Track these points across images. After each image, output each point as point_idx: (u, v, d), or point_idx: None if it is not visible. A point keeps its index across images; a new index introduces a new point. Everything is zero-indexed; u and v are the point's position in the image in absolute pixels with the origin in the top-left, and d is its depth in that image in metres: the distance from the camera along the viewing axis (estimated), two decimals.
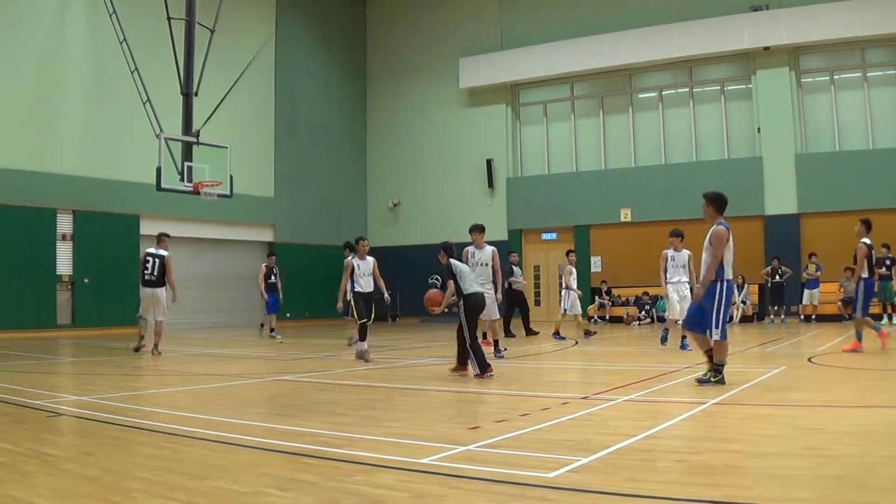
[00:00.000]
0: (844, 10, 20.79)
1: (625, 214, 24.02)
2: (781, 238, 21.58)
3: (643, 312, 22.17)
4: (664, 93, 24.40)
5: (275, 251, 20.71)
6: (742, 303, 20.91)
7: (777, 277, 20.12)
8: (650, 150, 24.33)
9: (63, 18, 19.71)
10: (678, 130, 24.08)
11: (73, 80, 19.74)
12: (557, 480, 3.93)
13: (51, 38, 19.37)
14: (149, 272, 12.44)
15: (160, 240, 12.82)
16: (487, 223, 12.11)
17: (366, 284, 10.99)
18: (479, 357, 8.73)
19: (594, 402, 6.61)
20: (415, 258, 24.74)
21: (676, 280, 11.96)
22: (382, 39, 28.92)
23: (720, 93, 23.55)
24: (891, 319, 18.13)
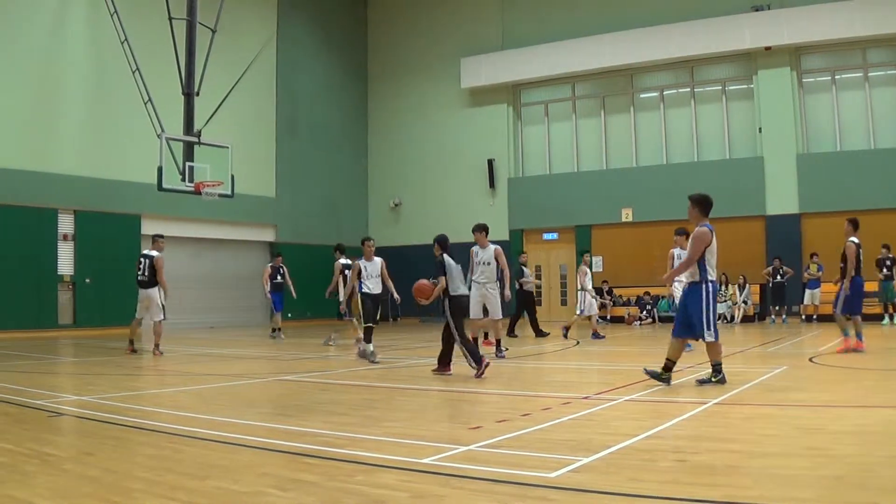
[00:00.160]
0: (846, 10, 20.78)
1: (626, 214, 24.02)
2: (783, 238, 21.58)
3: (644, 312, 22.16)
4: (665, 93, 24.39)
5: (276, 251, 20.70)
6: (743, 303, 20.92)
7: (778, 277, 20.12)
8: (651, 150, 24.33)
9: (63, 18, 19.72)
10: (679, 130, 24.08)
11: (74, 80, 19.74)
12: (559, 480, 3.93)
13: (51, 38, 19.37)
14: (140, 273, 12.53)
15: (154, 241, 12.90)
16: (489, 223, 12.14)
17: (374, 286, 10.94)
18: (473, 353, 8.75)
19: (595, 402, 6.61)
20: (416, 258, 24.63)
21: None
22: (383, 40, 28.92)
23: (721, 93, 23.54)
24: (892, 319, 18.12)
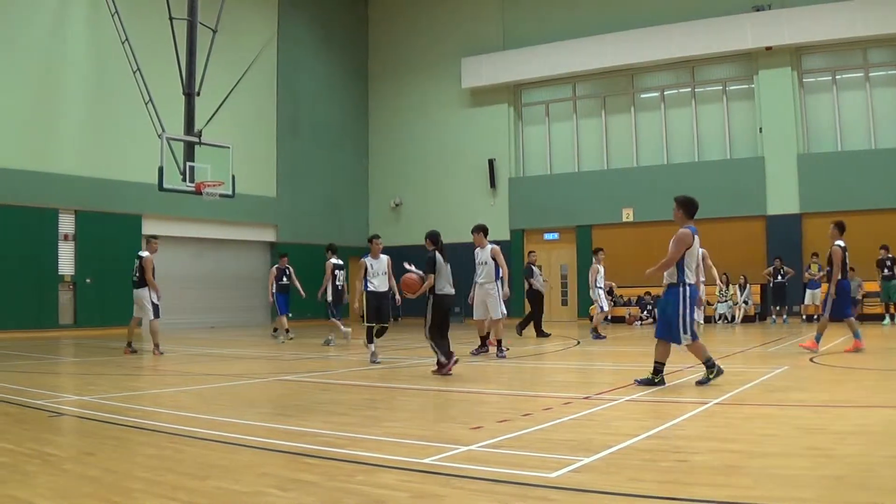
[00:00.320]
0: (846, 10, 20.76)
1: (627, 214, 24.01)
2: (783, 238, 21.56)
3: (645, 312, 22.15)
4: (666, 93, 24.38)
5: (277, 251, 20.68)
6: (744, 303, 20.91)
7: (779, 277, 20.11)
8: (652, 150, 24.31)
9: (63, 18, 19.72)
10: (680, 130, 24.06)
11: (75, 80, 19.75)
12: (559, 480, 3.93)
13: (51, 38, 19.37)
14: (132, 274, 12.69)
15: (147, 242, 13.09)
16: (489, 223, 12.20)
17: (379, 284, 10.85)
18: (442, 348, 8.98)
19: (596, 402, 6.61)
20: (416, 258, 24.71)
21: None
22: (384, 39, 28.92)
23: (722, 93, 23.52)
24: (892, 319, 18.11)
